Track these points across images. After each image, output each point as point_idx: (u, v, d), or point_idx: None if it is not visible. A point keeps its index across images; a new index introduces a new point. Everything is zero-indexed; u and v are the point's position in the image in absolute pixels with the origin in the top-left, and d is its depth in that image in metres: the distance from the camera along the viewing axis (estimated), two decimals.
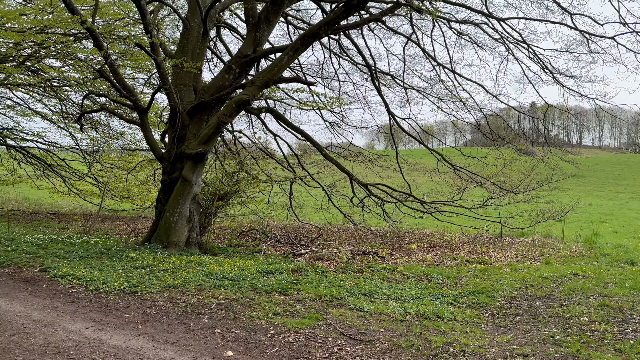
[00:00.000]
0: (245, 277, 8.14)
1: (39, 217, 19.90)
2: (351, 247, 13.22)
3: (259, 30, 10.93)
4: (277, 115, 13.63)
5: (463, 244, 15.12)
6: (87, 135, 21.46)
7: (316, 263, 10.33)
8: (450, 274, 9.73)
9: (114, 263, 8.90)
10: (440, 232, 18.89)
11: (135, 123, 11.35)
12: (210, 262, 9.31)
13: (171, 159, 10.99)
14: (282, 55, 10.44)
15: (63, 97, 18.98)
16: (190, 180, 10.66)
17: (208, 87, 11.13)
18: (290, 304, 6.77)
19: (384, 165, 17.96)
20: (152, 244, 10.53)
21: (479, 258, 12.33)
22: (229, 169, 12.93)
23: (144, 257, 9.32)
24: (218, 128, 10.47)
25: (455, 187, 17.37)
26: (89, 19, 9.53)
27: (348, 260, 10.76)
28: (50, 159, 20.89)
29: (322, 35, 10.43)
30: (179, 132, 10.90)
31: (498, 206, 16.43)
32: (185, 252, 10.52)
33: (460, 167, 15.46)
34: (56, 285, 7.49)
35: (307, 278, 8.54)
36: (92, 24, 9.49)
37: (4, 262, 8.85)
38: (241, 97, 10.38)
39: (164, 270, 8.35)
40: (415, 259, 11.85)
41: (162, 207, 11.00)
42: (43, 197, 26.26)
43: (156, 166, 18.54)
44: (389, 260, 11.43)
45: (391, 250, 13.33)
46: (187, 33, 12.04)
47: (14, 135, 20.11)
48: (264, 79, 10.44)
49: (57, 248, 10.21)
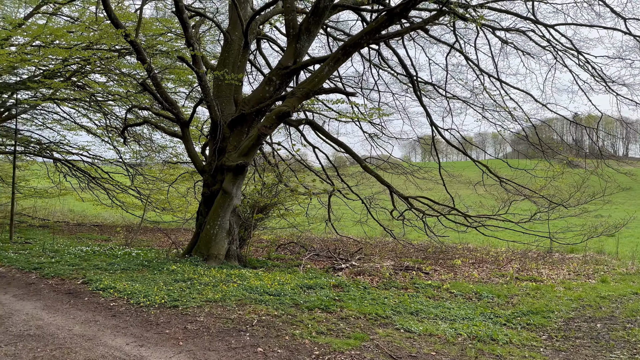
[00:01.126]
0: (286, 292, 7.91)
1: (83, 229, 20.35)
2: (392, 262, 12.82)
3: (300, 42, 10.82)
4: (317, 127, 13.45)
5: (511, 260, 14.45)
6: (130, 148, 21.92)
7: (357, 278, 10.00)
8: (500, 292, 9.21)
9: (155, 276, 8.85)
10: (485, 248, 18.20)
11: (177, 136, 11.40)
12: (250, 275, 9.13)
13: (212, 171, 10.94)
14: (323, 66, 10.28)
15: (107, 111, 19.45)
16: (231, 192, 10.58)
17: (248, 99, 11.07)
18: (333, 322, 6.47)
19: (425, 177, 17.50)
20: (193, 257, 10.46)
21: (529, 275, 11.70)
22: (267, 181, 12.81)
23: (184, 270, 9.24)
24: (258, 140, 10.37)
25: (500, 201, 16.73)
26: (132, 33, 9.63)
27: (390, 276, 10.38)
28: (95, 172, 21.41)
29: (364, 45, 10.21)
30: (220, 145, 10.86)
31: (547, 220, 15.68)
32: (225, 265, 10.41)
33: (506, 179, 14.83)
34: (98, 298, 7.45)
35: (350, 294, 8.23)
36: (135, 37, 9.59)
37: (48, 274, 8.94)
38: (281, 108, 10.25)
39: (204, 284, 8.22)
40: (461, 276, 11.34)
41: (202, 220, 10.94)
42: (87, 209, 26.95)
43: (197, 178, 18.71)
44: (433, 277, 10.98)
45: (434, 265, 12.85)
46: (228, 46, 12.08)
47: (60, 149, 20.73)
48: (304, 90, 10.29)
49: (100, 260, 10.28)
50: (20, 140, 18.71)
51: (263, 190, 11.59)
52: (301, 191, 14.04)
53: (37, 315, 6.62)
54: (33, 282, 8.65)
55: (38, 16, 17.86)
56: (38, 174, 23.21)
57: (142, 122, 12.76)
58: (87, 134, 21.37)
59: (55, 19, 17.85)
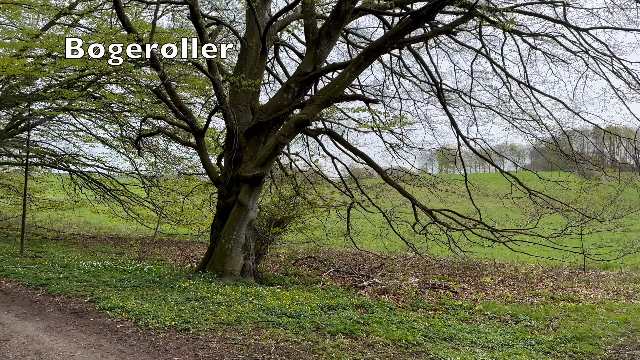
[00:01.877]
0: (306, 314, 7.29)
1: (97, 242, 20.02)
2: (417, 279, 12.12)
3: (320, 47, 10.32)
4: (336, 136, 12.90)
5: (542, 277, 13.63)
6: (146, 160, 21.62)
7: (382, 298, 9.34)
8: (538, 315, 8.47)
9: (166, 293, 8.31)
10: (512, 264, 17.36)
11: (192, 146, 10.94)
12: (267, 294, 8.54)
13: (227, 183, 10.44)
14: (344, 72, 9.74)
15: (123, 122, 19.19)
16: (247, 204, 10.04)
17: (266, 107, 10.58)
18: (360, 351, 5.83)
19: (448, 189, 16.80)
20: (207, 273, 9.92)
21: (566, 294, 10.91)
22: (285, 193, 12.26)
23: (197, 287, 8.69)
24: (276, 150, 9.84)
25: (528, 214, 15.94)
26: (145, 39, 9.23)
27: (417, 295, 9.69)
28: (110, 184, 21.13)
29: (387, 49, 9.66)
30: (235, 155, 10.36)
31: (580, 235, 14.83)
32: (241, 281, 9.84)
33: (536, 191, 14.05)
34: (104, 319, 6.92)
35: (375, 316, 7.58)
36: (150, 41, 9.17)
37: (54, 291, 8.46)
38: (300, 116, 9.73)
39: (218, 304, 7.65)
40: (492, 295, 10.59)
41: (217, 233, 10.42)
42: (103, 221, 26.70)
43: (212, 190, 18.27)
44: (462, 296, 10.26)
45: (462, 283, 12.11)
46: (245, 53, 11.64)
47: (76, 161, 20.51)
48: (324, 97, 9.76)
49: (110, 276, 9.79)
50: (35, 152, 18.50)
51: (280, 202, 11.03)
52: (319, 203, 13.47)
53: (37, 337, 6.11)
54: (38, 299, 8.19)
55: (58, 28, 17.73)
56: (54, 186, 23.04)
57: (156, 131, 12.35)
58: (103, 145, 21.14)
59: (74, 30, 17.71)
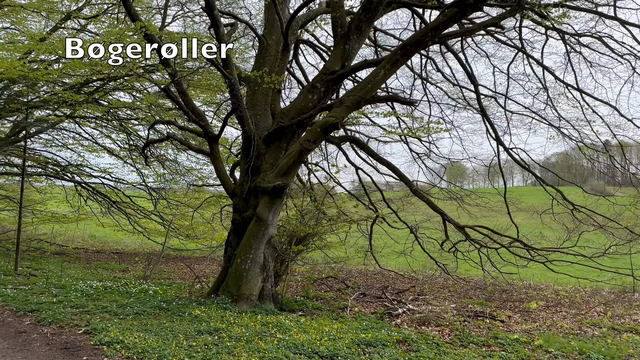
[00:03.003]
0: (341, 353, 6.04)
1: (101, 257, 18.88)
2: (453, 305, 10.82)
3: (349, 42, 9.19)
4: (362, 145, 11.70)
5: (589, 302, 12.29)
6: (153, 171, 20.56)
7: (423, 330, 8.06)
8: (609, 352, 7.16)
9: (174, 324, 7.09)
10: (547, 285, 15.99)
11: (205, 153, 9.79)
12: (291, 325, 7.30)
13: (244, 194, 9.26)
14: (377, 70, 8.57)
15: (130, 131, 18.17)
16: (266, 219, 8.84)
17: (288, 109, 9.43)
18: None
19: (478, 204, 15.55)
20: (220, 297, 8.70)
21: (626, 324, 9.57)
22: (306, 206, 11.07)
23: (210, 316, 7.46)
24: (300, 157, 8.66)
25: (566, 231, 14.62)
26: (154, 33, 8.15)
27: (462, 326, 8.39)
28: (116, 196, 20.05)
29: (428, 43, 8.49)
30: (254, 163, 9.20)
31: (629, 254, 13.49)
32: (259, 307, 8.61)
33: (581, 206, 12.74)
34: (100, 358, 5.72)
35: (422, 355, 6.32)
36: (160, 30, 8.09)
37: (45, 319, 7.27)
38: (328, 119, 8.55)
39: (235, 338, 6.41)
40: (543, 324, 9.27)
41: (232, 252, 9.21)
42: (108, 235, 25.59)
43: (223, 202, 17.09)
44: (512, 326, 8.94)
45: (504, 309, 10.80)
46: (263, 52, 10.56)
47: (80, 171, 19.46)
48: (355, 97, 8.58)
49: (110, 300, 8.59)
50: (36, 161, 17.47)
51: (306, 216, 9.83)
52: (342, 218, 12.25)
53: None
54: (25, 329, 6.99)
55: (65, 34, 16.83)
56: (58, 198, 22.01)
57: (165, 137, 11.24)
58: (110, 155, 20.12)
59: (83, 36, 16.80)
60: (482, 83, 12.67)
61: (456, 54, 10.78)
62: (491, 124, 11.24)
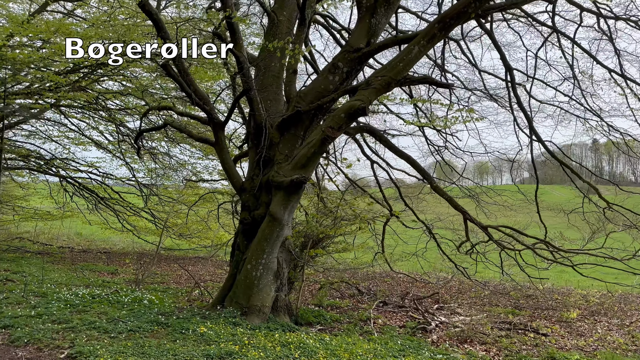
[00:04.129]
0: None
1: (88, 257, 17.51)
2: (485, 314, 9.73)
3: (376, 15, 8.01)
4: (379, 136, 10.51)
5: (624, 309, 11.29)
6: (144, 165, 19.24)
7: (468, 349, 6.93)
8: None
9: (176, 345, 5.87)
10: (568, 288, 15.00)
11: (209, 142, 8.55)
12: (317, 347, 6.12)
13: (254, 190, 8.05)
14: (410, 46, 7.39)
15: (120, 122, 16.83)
16: (281, 218, 7.64)
17: (305, 93, 8.23)
18: None
19: (497, 202, 14.52)
20: (227, 309, 7.50)
21: None
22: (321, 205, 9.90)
23: (219, 335, 6.25)
24: (322, 147, 7.47)
25: (590, 231, 13.65)
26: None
27: (509, 344, 7.28)
28: (104, 192, 18.68)
29: (470, 16, 7.35)
30: (265, 154, 8.00)
31: None
32: (272, 321, 7.43)
33: (616, 204, 11.70)
34: None
35: None
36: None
37: (20, 338, 5.99)
38: (354, 103, 7.37)
39: None
40: (591, 338, 8.20)
41: (240, 256, 8.01)
42: (96, 233, 24.16)
43: (220, 199, 15.86)
44: (560, 342, 7.86)
45: (537, 318, 9.74)
46: (274, 29, 9.32)
47: (66, 165, 18.07)
48: (384, 79, 7.40)
49: (99, 312, 7.33)
50: (16, 153, 16.07)
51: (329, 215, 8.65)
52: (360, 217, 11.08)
53: None
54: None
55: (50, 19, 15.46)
56: (41, 193, 20.58)
57: (162, 125, 9.99)
58: (97, 148, 18.76)
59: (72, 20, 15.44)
60: (499, 75, 11.53)
61: (491, 33, 9.64)
62: (525, 113, 10.14)
